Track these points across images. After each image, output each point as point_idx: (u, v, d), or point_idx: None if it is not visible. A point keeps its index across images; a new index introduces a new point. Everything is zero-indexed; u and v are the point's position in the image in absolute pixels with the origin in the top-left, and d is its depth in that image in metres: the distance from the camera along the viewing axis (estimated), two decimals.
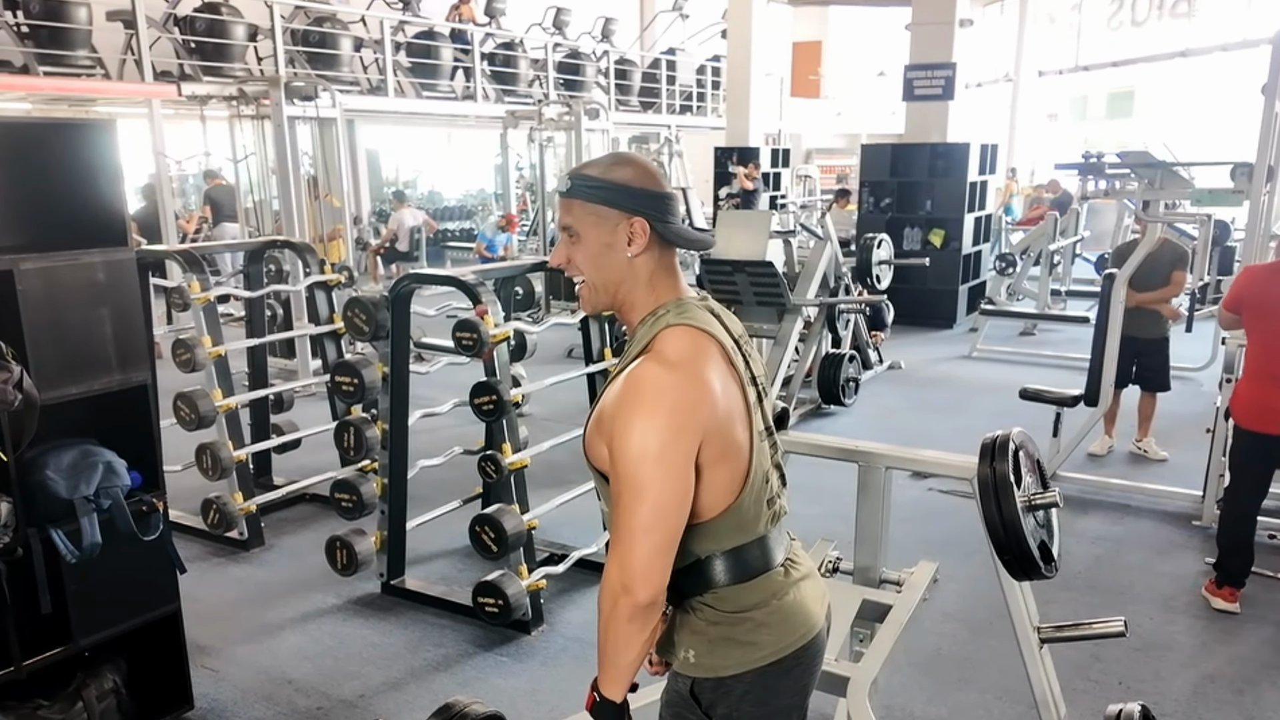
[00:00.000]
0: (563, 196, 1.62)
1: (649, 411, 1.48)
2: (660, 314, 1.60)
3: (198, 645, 3.67)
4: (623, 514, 1.48)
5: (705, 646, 1.60)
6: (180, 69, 9.49)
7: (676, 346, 1.55)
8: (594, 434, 1.59)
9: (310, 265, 5.36)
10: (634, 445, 1.47)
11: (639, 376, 1.52)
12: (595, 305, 1.67)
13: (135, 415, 2.98)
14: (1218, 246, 8.93)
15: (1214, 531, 4.78)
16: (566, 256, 1.64)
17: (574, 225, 1.61)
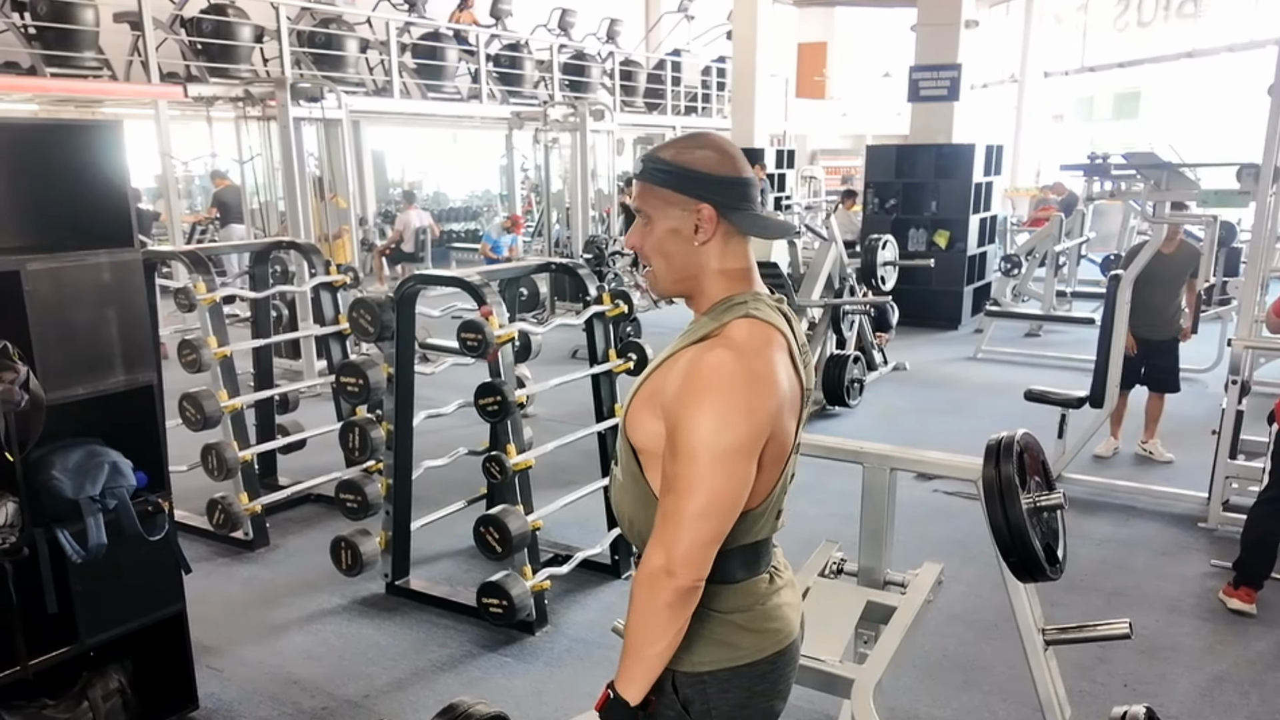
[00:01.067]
0: (639, 180, 1.60)
1: (724, 400, 1.45)
2: (735, 302, 1.57)
3: (203, 645, 3.68)
4: (678, 497, 1.46)
5: (686, 641, 1.56)
6: (187, 70, 9.53)
7: (751, 338, 1.51)
8: (643, 407, 1.56)
9: (316, 266, 5.37)
10: (704, 431, 1.44)
11: (716, 363, 1.47)
12: (663, 290, 1.63)
13: (141, 415, 2.99)
14: (1223, 248, 8.92)
15: (1221, 533, 4.78)
16: (640, 240, 1.61)
17: (645, 209, 1.59)
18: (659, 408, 1.52)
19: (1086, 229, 11.34)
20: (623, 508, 1.67)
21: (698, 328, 1.58)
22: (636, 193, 1.61)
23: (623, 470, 1.64)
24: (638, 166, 1.60)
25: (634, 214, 1.63)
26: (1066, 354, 8.88)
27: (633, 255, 12.11)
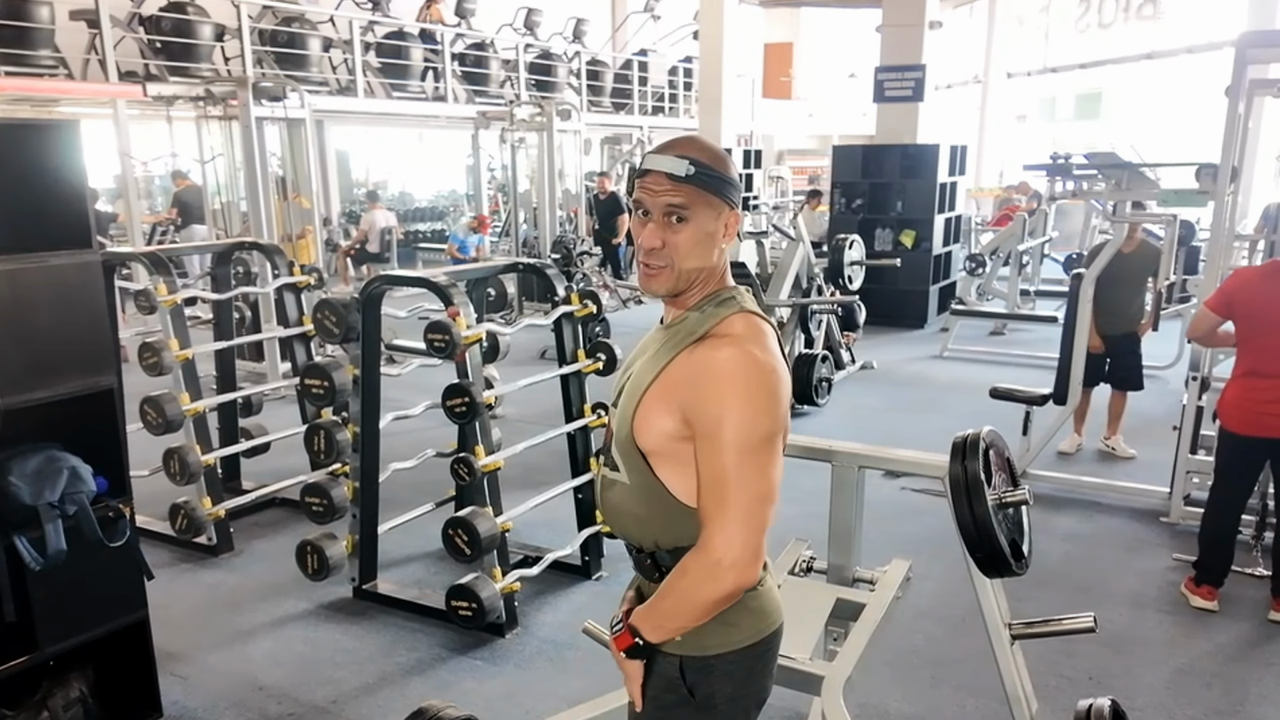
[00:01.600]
0: (678, 181, 1.57)
1: (755, 395, 1.53)
2: (724, 298, 1.64)
3: (166, 652, 3.62)
4: (732, 492, 1.51)
5: (716, 634, 1.64)
6: (146, 69, 9.38)
7: (753, 332, 1.59)
8: (654, 407, 1.59)
9: (279, 267, 5.31)
10: (744, 425, 1.51)
11: (738, 358, 1.53)
12: (670, 288, 1.63)
13: (101, 419, 2.94)
14: (1183, 247, 9.05)
15: (1182, 528, 4.86)
16: (663, 241, 1.59)
17: (690, 210, 1.58)
18: (676, 408, 1.56)
19: (1049, 228, 11.47)
20: (624, 509, 1.68)
21: (691, 324, 1.62)
22: (671, 191, 1.57)
23: (626, 472, 1.65)
24: (678, 168, 1.56)
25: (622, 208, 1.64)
26: (1030, 352, 8.99)
27: (602, 255, 12.12)
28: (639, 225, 1.63)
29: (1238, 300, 3.89)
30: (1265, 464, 4.04)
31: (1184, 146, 10.39)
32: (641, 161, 1.63)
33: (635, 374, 1.68)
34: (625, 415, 1.64)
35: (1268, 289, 3.84)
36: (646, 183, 1.60)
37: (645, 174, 1.61)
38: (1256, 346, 3.86)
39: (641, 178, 1.62)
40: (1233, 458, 4.03)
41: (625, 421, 1.63)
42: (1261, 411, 3.83)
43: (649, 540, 1.67)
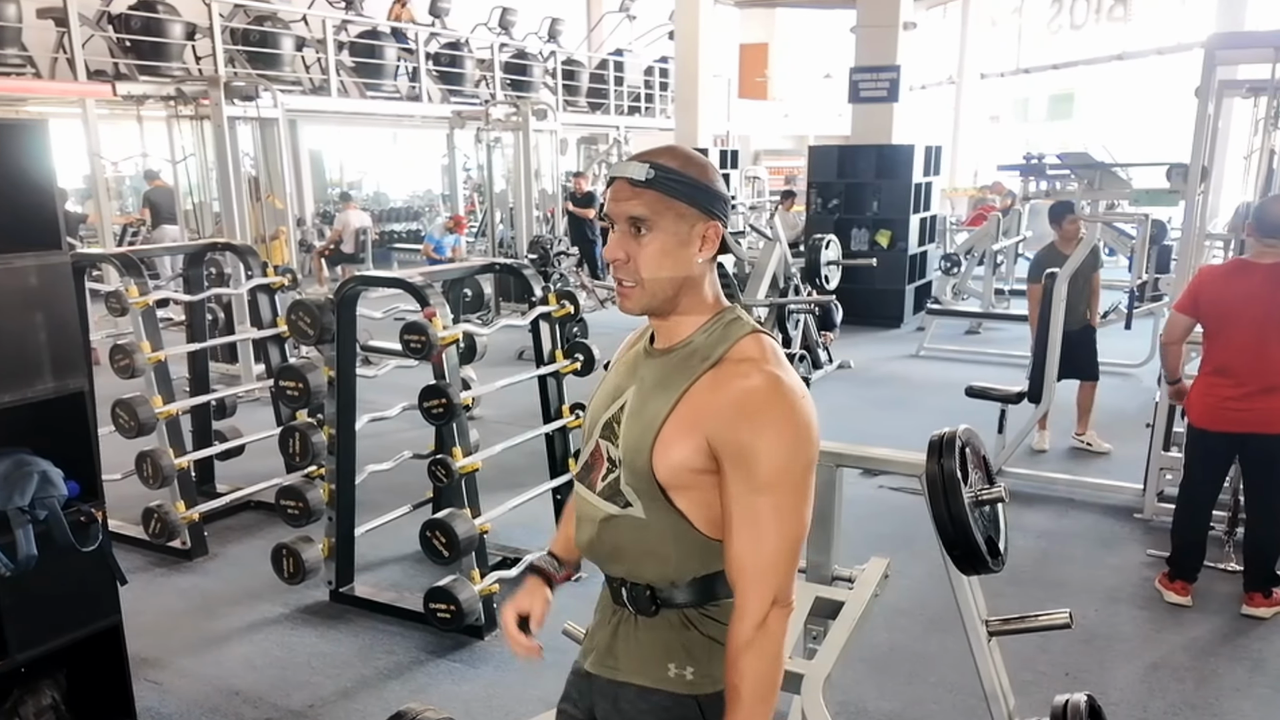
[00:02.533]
0: (637, 185, 1.48)
1: (794, 424, 1.45)
2: (730, 318, 1.56)
3: (141, 658, 3.58)
4: (772, 528, 1.45)
5: (706, 657, 1.56)
6: (115, 68, 9.28)
7: (778, 358, 1.53)
8: (678, 439, 1.49)
9: (252, 268, 5.26)
10: (784, 457, 1.44)
11: (774, 386, 1.46)
12: (644, 306, 1.53)
13: (72, 423, 2.90)
14: (1155, 245, 9.15)
15: (1156, 524, 4.91)
16: (626, 253, 1.50)
17: (649, 218, 1.48)
18: (701, 439, 1.47)
19: (1023, 228, 11.57)
20: (639, 546, 1.57)
21: (699, 348, 1.54)
22: (631, 199, 1.48)
23: (643, 508, 1.55)
24: (637, 171, 1.48)
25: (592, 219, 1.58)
26: (1005, 350, 9.06)
27: (579, 255, 12.08)
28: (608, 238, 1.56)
29: (1203, 298, 3.93)
30: (1234, 459, 4.10)
31: (1155, 146, 10.50)
32: (610, 172, 1.55)
33: (636, 403, 1.56)
34: (640, 447, 1.52)
35: (1231, 286, 3.88)
36: (611, 191, 1.52)
37: (611, 183, 1.53)
38: (1221, 343, 3.90)
39: (608, 188, 1.54)
40: (1200, 453, 4.08)
41: (641, 454, 1.51)
42: (1227, 407, 3.87)
43: (666, 579, 1.56)
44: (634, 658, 1.61)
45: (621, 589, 1.61)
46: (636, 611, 1.60)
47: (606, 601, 1.69)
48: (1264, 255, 3.82)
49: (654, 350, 1.60)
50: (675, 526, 1.54)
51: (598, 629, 1.70)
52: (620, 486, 1.57)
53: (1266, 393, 3.78)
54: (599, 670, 1.65)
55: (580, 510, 1.67)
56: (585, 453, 1.67)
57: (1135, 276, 6.29)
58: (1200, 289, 3.97)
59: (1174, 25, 15.90)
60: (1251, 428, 3.83)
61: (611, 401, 1.62)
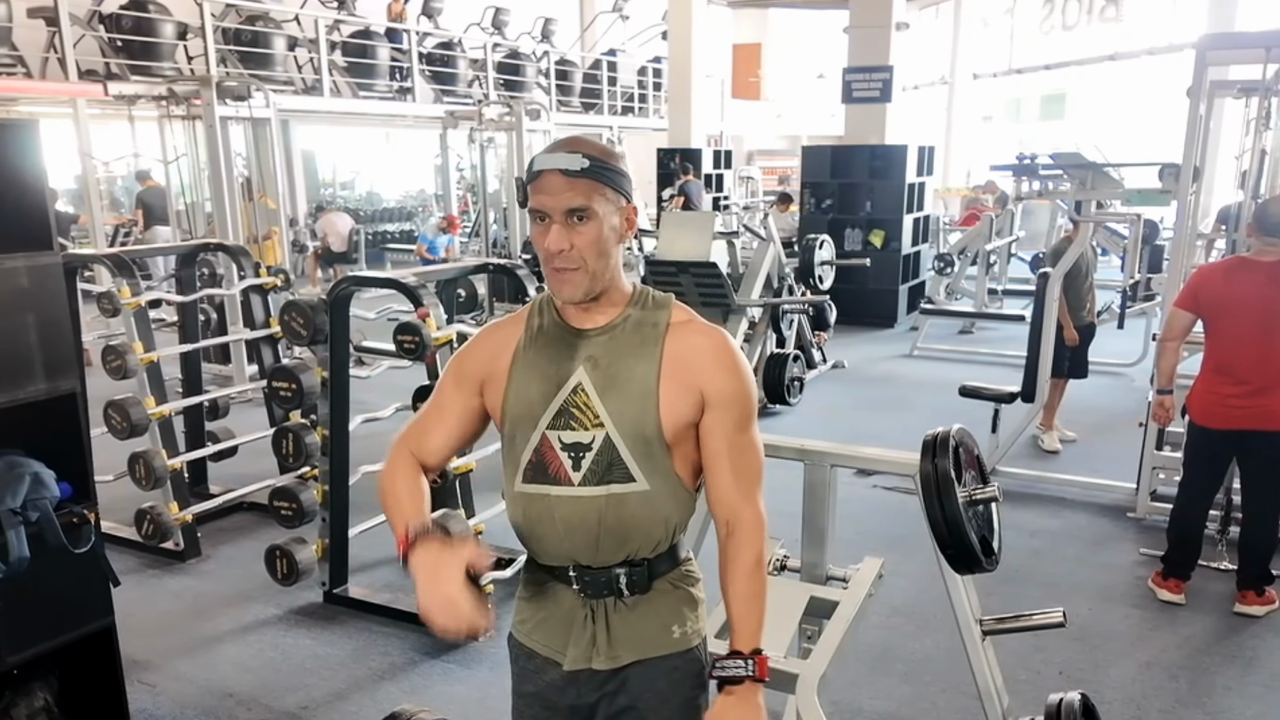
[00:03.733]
0: (575, 176, 1.51)
1: (749, 371, 1.68)
2: (649, 293, 1.69)
3: (134, 660, 3.57)
4: (755, 458, 1.68)
5: (694, 611, 1.73)
6: (106, 68, 9.25)
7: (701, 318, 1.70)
8: (674, 396, 1.60)
9: (245, 269, 5.25)
10: (752, 400, 1.67)
11: (729, 340, 1.66)
12: (586, 290, 1.57)
13: (64, 424, 2.89)
14: (1147, 245, 9.18)
15: (1148, 523, 4.92)
16: (570, 242, 1.53)
17: (589, 208, 1.52)
18: (693, 390, 1.61)
19: (1015, 228, 11.59)
20: (645, 517, 1.62)
21: (643, 319, 1.64)
22: (570, 191, 1.51)
23: (647, 477, 1.60)
24: (574, 163, 1.50)
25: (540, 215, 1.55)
26: (999, 350, 9.08)
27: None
28: (540, 233, 1.54)
29: (1203, 296, 3.95)
30: (1233, 458, 4.11)
31: (1147, 147, 10.54)
32: (530, 165, 1.56)
33: (603, 380, 1.59)
34: (643, 413, 1.58)
35: (1231, 283, 3.90)
36: (541, 185, 1.53)
37: (538, 176, 1.53)
38: (1221, 341, 3.92)
39: (534, 182, 1.54)
40: (1200, 451, 4.09)
41: (647, 418, 1.58)
42: (1228, 405, 3.89)
43: (663, 545, 1.67)
44: (635, 637, 1.66)
45: (618, 576, 1.63)
46: (631, 593, 1.65)
47: (565, 602, 1.67)
48: (1265, 254, 3.83)
49: (585, 330, 1.64)
50: (673, 487, 1.64)
51: (568, 629, 1.66)
52: (620, 462, 1.60)
53: (1267, 390, 3.79)
54: (601, 664, 1.65)
55: (558, 513, 1.61)
56: (526, 453, 1.62)
57: (1128, 276, 6.31)
58: (1200, 287, 3.99)
59: (1165, 26, 15.94)
60: (1252, 425, 3.85)
61: (553, 389, 1.61)
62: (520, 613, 1.75)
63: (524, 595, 1.75)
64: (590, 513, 1.60)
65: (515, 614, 1.77)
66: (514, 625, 1.77)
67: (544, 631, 1.70)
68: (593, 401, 1.59)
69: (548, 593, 1.69)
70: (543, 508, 1.62)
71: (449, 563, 1.49)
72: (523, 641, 1.74)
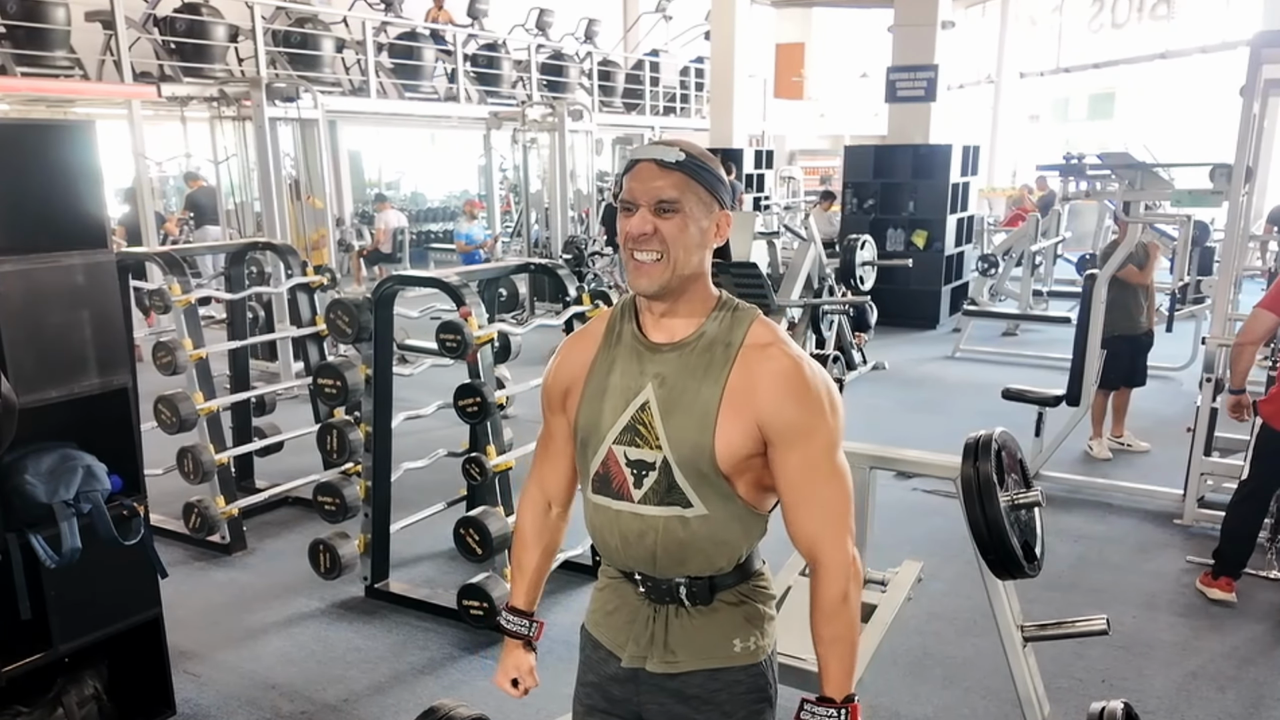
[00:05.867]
0: (670, 168, 1.51)
1: (833, 399, 1.57)
2: (734, 305, 1.62)
3: (179, 650, 3.64)
4: (840, 495, 1.58)
5: (761, 626, 1.67)
6: (160, 70, 9.43)
7: (786, 337, 1.61)
8: (732, 426, 1.53)
9: (292, 267, 5.33)
10: (833, 432, 1.56)
11: (808, 365, 1.56)
12: (664, 284, 1.54)
13: (115, 418, 2.96)
14: (1197, 247, 9.00)
15: (1196, 530, 4.83)
16: (655, 226, 1.51)
17: (681, 201, 1.51)
18: (751, 422, 1.53)
19: (1062, 229, 11.42)
20: (706, 541, 1.59)
21: (716, 336, 1.58)
22: (665, 181, 1.51)
23: (704, 503, 1.57)
24: (669, 155, 1.51)
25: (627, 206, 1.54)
26: (1043, 352, 8.95)
27: (613, 253, 12.12)
28: (624, 220, 1.54)
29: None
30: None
31: (1198, 147, 10.32)
32: (628, 157, 1.57)
33: (667, 400, 1.56)
34: (700, 441, 1.53)
35: None
36: (634, 175, 1.53)
37: (632, 167, 1.54)
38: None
39: (628, 173, 1.55)
40: (1269, 452, 3.99)
41: (703, 448, 1.53)
42: None
43: (731, 564, 1.62)
44: (694, 646, 1.65)
45: (680, 587, 1.62)
46: (693, 604, 1.63)
47: (632, 600, 1.69)
48: None
49: (659, 345, 1.60)
50: (739, 512, 1.59)
51: (630, 626, 1.69)
52: (677, 487, 1.56)
53: None
54: (657, 667, 1.65)
55: (619, 527, 1.62)
56: (594, 464, 1.63)
57: (1177, 279, 6.20)
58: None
59: (1218, 23, 15.60)
60: None
61: (622, 404, 1.60)
62: (593, 603, 1.79)
63: (599, 586, 1.78)
64: (649, 531, 1.59)
65: (590, 604, 1.81)
66: (587, 615, 1.81)
67: (610, 625, 1.73)
68: (655, 422, 1.57)
69: (619, 589, 1.72)
70: (606, 519, 1.64)
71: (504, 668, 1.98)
72: (591, 631, 1.78)
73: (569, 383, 1.69)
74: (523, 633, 1.88)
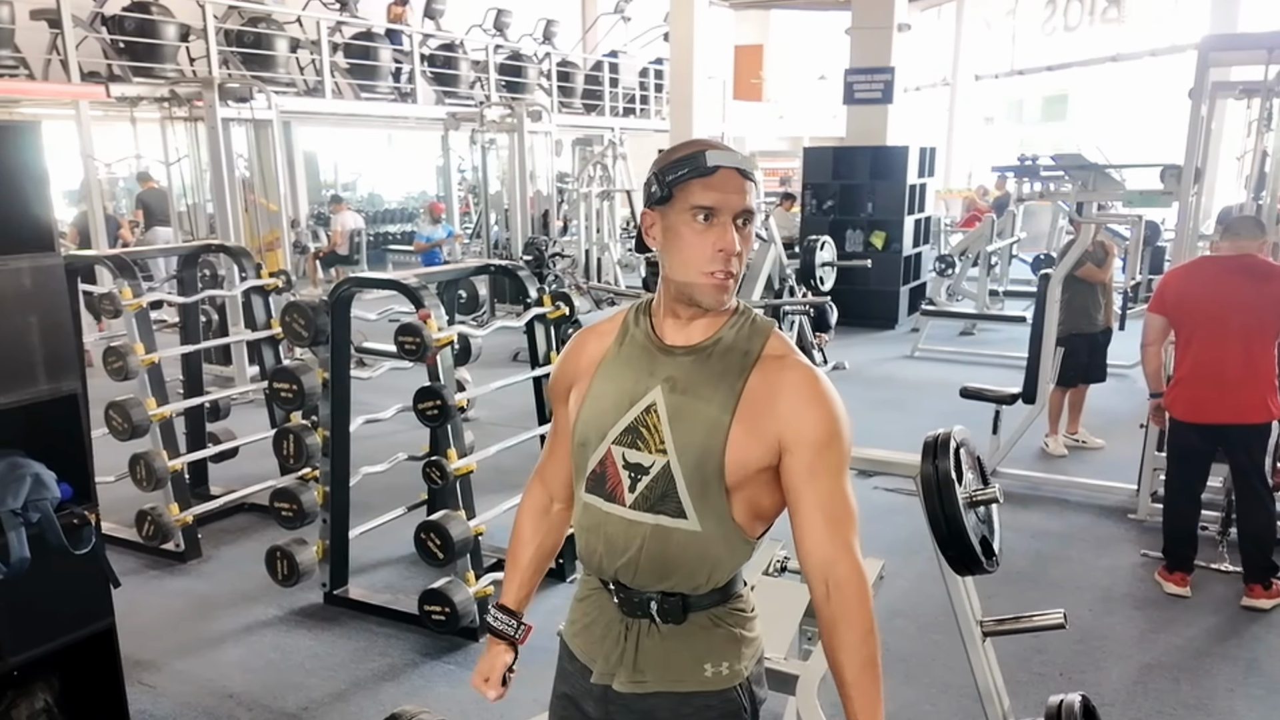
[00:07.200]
0: (748, 178, 1.46)
1: (844, 415, 1.52)
2: (751, 316, 1.57)
3: (134, 661, 3.57)
4: (854, 514, 1.52)
5: (736, 651, 1.60)
6: (109, 69, 9.25)
7: (798, 351, 1.57)
8: (745, 437, 1.49)
9: (246, 270, 5.26)
10: (846, 448, 1.52)
11: (823, 380, 1.52)
12: (729, 300, 1.52)
13: (65, 425, 2.89)
14: (1149, 246, 9.18)
15: (1150, 524, 4.92)
16: (738, 246, 1.46)
17: (754, 213, 1.48)
18: (767, 434, 1.49)
19: (1017, 229, 11.58)
20: (688, 556, 1.54)
21: (734, 344, 1.53)
22: (748, 193, 1.47)
23: (700, 518, 1.52)
24: (748, 164, 1.46)
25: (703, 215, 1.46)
26: (1000, 351, 9.07)
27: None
28: (702, 231, 1.45)
29: (1169, 298, 4.12)
30: (1214, 451, 4.17)
31: (1149, 148, 10.53)
32: (705, 158, 1.45)
33: (676, 405, 1.51)
34: (708, 450, 1.49)
35: (1191, 282, 4.09)
36: (715, 182, 1.44)
37: (711, 172, 1.45)
38: (1189, 337, 4.06)
39: (704, 177, 1.45)
40: (1181, 445, 4.20)
41: (711, 456, 1.49)
42: (1202, 399, 4.01)
43: (701, 584, 1.55)
44: (663, 666, 1.59)
45: (650, 601, 1.57)
46: (664, 621, 1.57)
47: (608, 612, 1.63)
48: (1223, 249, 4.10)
49: (672, 348, 1.55)
50: (728, 531, 1.54)
51: (602, 641, 1.64)
52: (673, 494, 1.52)
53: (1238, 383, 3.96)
54: (623, 686, 1.60)
55: (605, 530, 1.58)
56: (591, 462, 1.59)
57: (1129, 278, 6.31)
58: (1166, 289, 4.19)
59: (1168, 27, 15.93)
60: (1227, 418, 4.00)
61: (626, 404, 1.55)
62: (572, 613, 1.74)
63: (580, 597, 1.72)
64: (634, 538, 1.55)
65: (569, 613, 1.75)
66: (565, 624, 1.75)
67: (584, 638, 1.68)
68: (662, 425, 1.51)
69: (596, 601, 1.66)
70: (594, 520, 1.60)
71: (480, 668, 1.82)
72: (567, 642, 1.73)
73: (575, 377, 1.65)
74: (508, 634, 1.80)
